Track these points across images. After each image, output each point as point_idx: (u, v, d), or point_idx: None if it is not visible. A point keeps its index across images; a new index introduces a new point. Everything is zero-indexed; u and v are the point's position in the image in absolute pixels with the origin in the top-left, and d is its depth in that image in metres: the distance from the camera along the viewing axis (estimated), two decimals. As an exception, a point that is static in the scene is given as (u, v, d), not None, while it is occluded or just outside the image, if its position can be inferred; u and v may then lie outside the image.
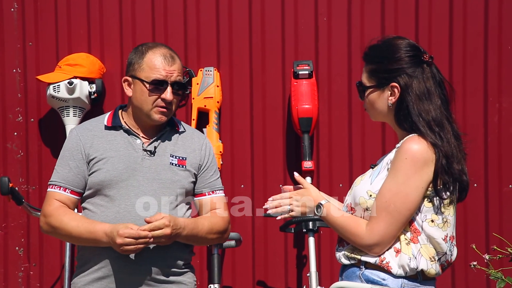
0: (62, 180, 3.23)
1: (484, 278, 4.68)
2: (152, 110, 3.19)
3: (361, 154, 4.81)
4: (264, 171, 4.86)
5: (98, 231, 3.11)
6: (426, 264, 2.79)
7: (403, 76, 2.83)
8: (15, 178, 4.86)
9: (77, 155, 3.22)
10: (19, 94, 4.92)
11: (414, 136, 2.80)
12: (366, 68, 2.92)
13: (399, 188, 2.76)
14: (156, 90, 3.18)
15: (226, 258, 4.89)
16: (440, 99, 2.84)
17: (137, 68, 3.20)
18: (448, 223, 2.83)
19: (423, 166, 2.76)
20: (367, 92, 2.91)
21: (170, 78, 3.19)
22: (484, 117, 4.81)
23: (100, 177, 3.19)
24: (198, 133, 3.39)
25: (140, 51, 3.23)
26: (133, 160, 3.20)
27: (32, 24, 4.91)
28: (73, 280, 3.26)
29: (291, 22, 4.85)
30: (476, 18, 4.80)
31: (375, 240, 2.79)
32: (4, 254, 4.93)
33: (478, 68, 4.80)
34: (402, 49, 2.86)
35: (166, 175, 3.21)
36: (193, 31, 4.88)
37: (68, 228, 3.15)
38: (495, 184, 4.80)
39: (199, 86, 4.78)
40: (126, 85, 3.26)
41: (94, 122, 3.32)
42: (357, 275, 2.85)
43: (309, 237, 4.48)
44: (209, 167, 3.32)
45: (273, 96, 4.86)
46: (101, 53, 4.87)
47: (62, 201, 3.21)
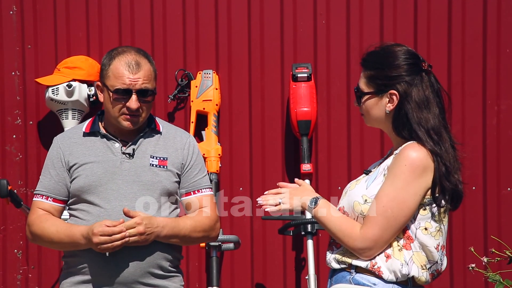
0: (44, 189, 3.24)
1: (482, 280, 4.68)
2: (119, 117, 3.17)
3: (360, 157, 4.81)
4: (262, 173, 4.86)
5: (75, 234, 3.11)
6: (417, 271, 2.79)
7: (402, 84, 2.83)
8: (14, 181, 4.87)
9: (57, 163, 3.23)
10: (18, 97, 4.92)
11: (413, 143, 2.80)
12: (364, 74, 2.91)
13: (397, 194, 2.76)
14: (120, 99, 3.15)
15: (224, 261, 4.89)
16: (438, 108, 2.84)
17: (104, 75, 3.18)
18: (441, 231, 2.83)
19: (422, 173, 2.76)
20: (365, 98, 2.91)
21: (134, 86, 3.14)
22: (483, 119, 4.81)
23: (79, 183, 3.18)
24: (181, 132, 3.35)
25: (109, 56, 3.20)
26: (112, 164, 3.19)
27: (31, 27, 4.91)
28: (61, 282, 3.26)
29: (290, 25, 4.86)
30: (475, 21, 4.80)
31: (367, 244, 2.78)
32: (2, 257, 4.93)
33: (477, 71, 4.81)
34: (401, 56, 2.86)
35: (146, 177, 3.19)
36: (192, 34, 4.88)
37: (49, 234, 3.16)
38: (493, 186, 4.81)
39: (198, 88, 4.78)
40: (98, 91, 3.24)
41: (74, 129, 3.32)
42: (347, 279, 2.84)
43: (308, 240, 4.49)
44: (193, 166, 3.28)
45: (272, 98, 4.87)
46: (100, 56, 4.87)
47: (46, 210, 3.22)
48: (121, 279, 3.14)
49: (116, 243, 3.04)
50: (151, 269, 3.16)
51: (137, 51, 3.21)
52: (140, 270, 3.15)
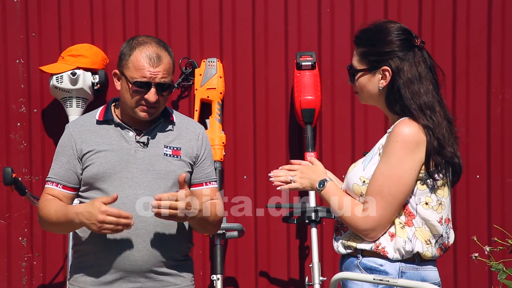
0: (55, 175, 3.24)
1: (486, 269, 4.69)
2: (136, 108, 3.17)
3: (364, 145, 4.81)
4: (266, 162, 4.86)
5: (69, 212, 3.09)
6: (421, 246, 2.79)
7: (395, 59, 2.84)
8: (18, 169, 4.88)
9: (68, 151, 3.23)
10: (22, 85, 4.93)
11: (405, 120, 2.81)
12: (357, 51, 2.92)
13: (392, 171, 2.76)
14: (139, 91, 3.15)
15: (228, 249, 4.90)
16: (431, 83, 2.84)
17: (124, 65, 3.17)
18: (442, 205, 2.83)
19: (414, 148, 2.76)
20: (358, 76, 2.91)
21: (154, 80, 3.14)
22: (487, 109, 4.80)
23: (93, 171, 3.18)
24: (194, 123, 3.37)
25: (129, 45, 3.18)
26: (126, 152, 3.19)
27: (35, 15, 4.91)
28: (70, 271, 3.27)
29: (294, 13, 4.85)
30: (480, 10, 4.79)
31: (370, 225, 2.79)
32: (7, 244, 4.94)
33: (481, 60, 4.80)
34: (394, 32, 2.86)
35: (160, 166, 3.20)
36: (196, 21, 4.88)
37: (51, 216, 3.16)
38: (497, 175, 4.80)
39: (202, 77, 4.78)
40: (115, 79, 3.24)
41: (87, 117, 3.31)
42: (355, 265, 2.85)
43: (312, 228, 4.49)
44: (206, 158, 3.31)
45: (276, 87, 4.87)
46: (104, 44, 4.87)
47: (55, 196, 3.22)
48: (135, 268, 3.14)
49: (119, 227, 3.00)
50: (163, 258, 3.18)
51: (158, 42, 3.19)
52: (154, 259, 3.16)
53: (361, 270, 2.83)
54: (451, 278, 4.80)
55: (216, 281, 4.48)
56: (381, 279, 2.62)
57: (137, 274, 3.15)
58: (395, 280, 2.60)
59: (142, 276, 3.16)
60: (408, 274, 2.80)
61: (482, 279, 4.78)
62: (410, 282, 2.63)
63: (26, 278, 4.95)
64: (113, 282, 3.16)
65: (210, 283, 4.80)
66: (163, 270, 3.19)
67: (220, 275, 4.51)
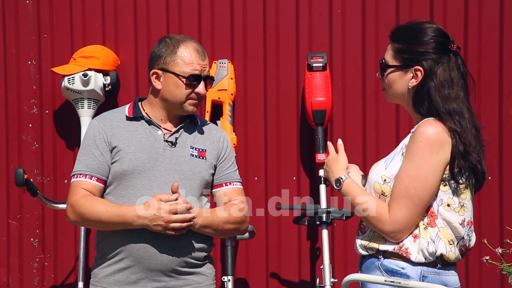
0: (88, 168, 3.20)
1: (497, 272, 4.66)
2: (186, 102, 3.23)
3: (375, 146, 4.80)
4: (277, 163, 4.86)
5: (126, 214, 3.10)
6: (445, 247, 2.78)
7: (429, 61, 2.83)
8: (30, 170, 4.89)
9: (100, 144, 3.22)
10: (34, 86, 4.94)
11: (429, 120, 2.80)
12: (391, 47, 2.92)
13: (417, 172, 2.75)
14: (191, 85, 3.21)
15: (239, 250, 4.90)
16: (462, 90, 2.84)
17: (169, 62, 3.21)
18: (465, 207, 2.82)
19: (439, 148, 2.75)
20: (388, 71, 2.90)
21: (203, 73, 3.24)
22: (499, 109, 4.78)
23: (122, 167, 3.19)
24: (215, 126, 3.43)
25: (169, 44, 3.24)
26: (155, 150, 3.22)
27: (47, 16, 4.93)
28: (94, 271, 3.27)
29: (305, 14, 4.85)
30: (492, 10, 4.77)
31: (398, 227, 2.78)
32: (19, 245, 4.96)
33: (493, 60, 4.78)
34: (431, 33, 2.86)
35: (187, 166, 3.23)
36: (207, 23, 4.88)
37: (98, 213, 3.13)
38: (509, 177, 4.78)
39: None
40: (154, 78, 3.26)
41: (115, 113, 3.33)
42: (376, 266, 2.84)
43: (323, 230, 4.48)
44: (227, 158, 3.34)
45: (287, 88, 4.86)
46: (115, 45, 4.88)
47: (88, 190, 3.19)
48: (159, 267, 3.16)
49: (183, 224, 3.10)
50: (187, 258, 3.20)
51: (191, 38, 3.30)
52: (179, 258, 3.18)
53: (382, 272, 2.82)
54: (463, 281, 4.78)
55: (227, 283, 4.48)
56: (392, 281, 2.61)
57: (161, 273, 3.17)
58: (406, 281, 2.59)
59: (166, 275, 3.18)
60: (430, 279, 2.79)
61: (494, 282, 4.76)
62: (421, 284, 2.62)
63: (37, 279, 4.96)
64: (137, 281, 3.18)
65: (221, 284, 4.79)
66: (186, 269, 3.21)
67: (231, 276, 4.50)
